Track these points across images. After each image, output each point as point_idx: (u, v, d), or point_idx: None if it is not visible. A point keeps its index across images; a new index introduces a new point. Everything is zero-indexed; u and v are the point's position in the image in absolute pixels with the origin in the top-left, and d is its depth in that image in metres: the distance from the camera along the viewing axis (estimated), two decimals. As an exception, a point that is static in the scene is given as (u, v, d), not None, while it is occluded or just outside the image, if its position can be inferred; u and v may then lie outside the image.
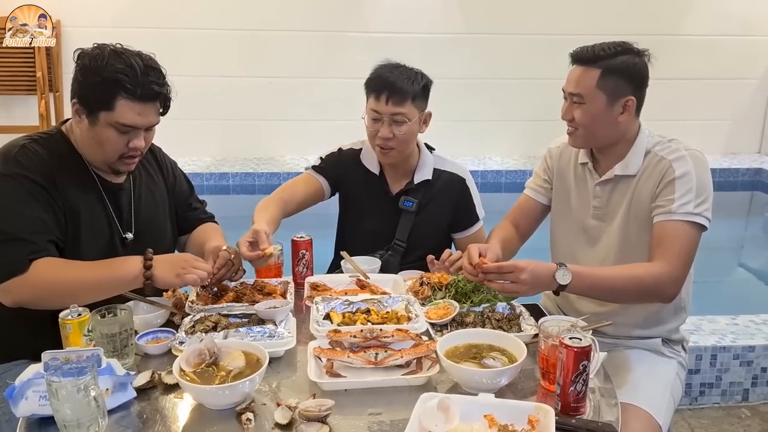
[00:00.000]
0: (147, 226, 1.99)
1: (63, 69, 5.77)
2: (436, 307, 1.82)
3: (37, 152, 1.79)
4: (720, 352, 2.84)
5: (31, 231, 1.72)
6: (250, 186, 5.61)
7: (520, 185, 2.28)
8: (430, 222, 2.31)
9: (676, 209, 1.79)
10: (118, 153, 1.81)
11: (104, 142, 1.79)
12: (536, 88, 6.11)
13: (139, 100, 1.75)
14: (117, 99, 1.73)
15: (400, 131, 2.18)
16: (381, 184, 2.33)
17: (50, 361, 1.39)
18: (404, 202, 2.29)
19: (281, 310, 1.74)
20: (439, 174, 2.33)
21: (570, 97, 1.89)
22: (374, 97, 2.18)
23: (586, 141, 1.94)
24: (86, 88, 1.76)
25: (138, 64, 1.75)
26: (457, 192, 2.33)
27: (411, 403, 1.36)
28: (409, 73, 2.19)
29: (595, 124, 1.87)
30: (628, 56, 1.84)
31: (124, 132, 1.78)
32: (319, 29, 6.01)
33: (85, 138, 1.82)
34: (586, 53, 1.86)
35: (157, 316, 1.78)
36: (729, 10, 6.22)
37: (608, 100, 1.84)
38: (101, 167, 1.88)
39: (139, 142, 1.81)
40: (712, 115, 6.44)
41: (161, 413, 1.42)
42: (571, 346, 1.37)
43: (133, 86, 1.73)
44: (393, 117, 2.16)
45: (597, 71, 1.83)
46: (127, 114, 1.75)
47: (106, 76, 1.72)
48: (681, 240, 1.78)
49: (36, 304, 1.73)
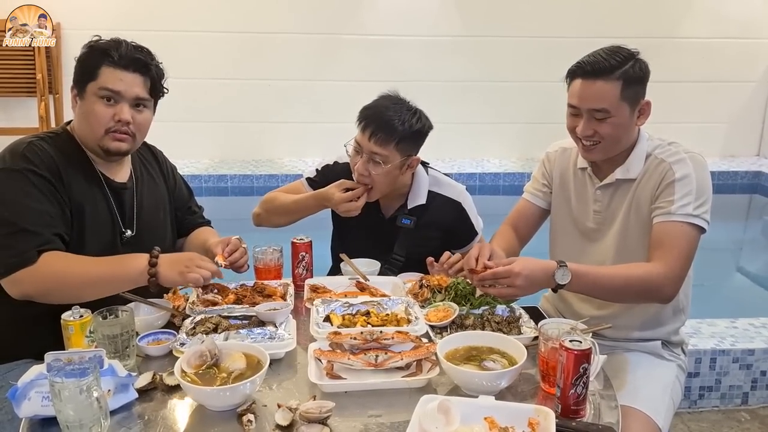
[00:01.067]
0: (148, 226, 2.01)
1: (63, 71, 5.77)
2: (435, 309, 1.82)
3: (44, 149, 1.82)
4: (719, 356, 2.84)
5: (39, 223, 1.74)
6: (248, 188, 5.62)
7: (518, 188, 2.28)
8: (427, 241, 2.22)
9: (676, 210, 1.79)
10: (104, 126, 1.83)
11: (90, 115, 1.83)
12: (534, 91, 6.14)
13: (123, 67, 1.83)
14: (101, 67, 1.81)
15: (376, 171, 2.08)
16: (374, 205, 2.23)
17: (53, 362, 1.39)
18: (402, 220, 2.22)
19: (281, 312, 1.75)
20: (434, 197, 2.25)
21: (590, 113, 1.82)
22: (361, 128, 2.10)
23: (607, 153, 1.90)
24: (78, 65, 1.85)
25: (125, 41, 1.85)
26: (453, 216, 2.26)
27: (411, 405, 1.37)
28: (405, 115, 2.07)
29: (621, 134, 1.85)
30: (634, 60, 1.82)
31: (108, 99, 1.82)
32: (316, 32, 6.02)
33: (78, 120, 1.88)
34: (602, 65, 1.79)
35: (158, 318, 1.78)
36: (727, 13, 6.24)
37: (631, 109, 1.83)
38: (96, 151, 1.89)
39: (124, 115, 1.83)
40: (710, 118, 6.45)
41: (162, 414, 1.42)
42: (572, 349, 1.37)
43: (117, 55, 1.81)
44: (372, 155, 2.07)
45: (618, 82, 1.78)
46: (110, 80, 1.81)
47: (94, 47, 1.83)
48: (680, 241, 1.78)
49: (43, 297, 1.74)
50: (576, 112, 1.86)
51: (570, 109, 1.88)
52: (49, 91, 5.75)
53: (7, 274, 1.73)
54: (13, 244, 1.72)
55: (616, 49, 1.84)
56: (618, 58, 1.81)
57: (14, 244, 1.72)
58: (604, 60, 1.80)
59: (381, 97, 2.16)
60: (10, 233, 1.72)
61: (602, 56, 1.82)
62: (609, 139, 1.85)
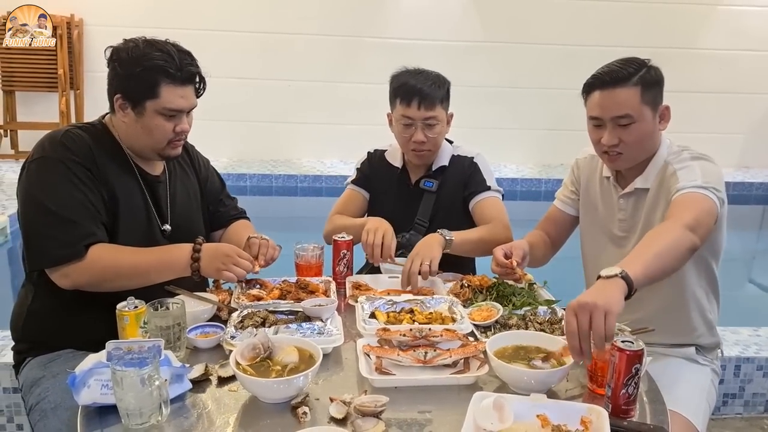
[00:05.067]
0: (182, 219, 2.04)
1: (84, 67, 5.82)
2: (479, 309, 1.84)
3: (82, 137, 1.85)
4: (744, 363, 2.86)
5: (83, 214, 1.77)
6: (267, 188, 5.66)
7: (535, 193, 2.33)
8: (449, 202, 2.37)
9: (684, 186, 1.77)
10: (167, 138, 1.88)
11: (153, 130, 1.85)
12: (552, 98, 6.17)
13: (181, 83, 1.83)
14: (161, 85, 1.81)
15: (433, 133, 2.27)
16: (403, 175, 2.43)
17: (113, 351, 1.41)
18: (425, 183, 2.38)
19: (327, 308, 1.77)
20: (455, 159, 2.42)
21: (614, 121, 1.84)
22: (405, 104, 2.25)
23: (633, 160, 1.91)
24: (128, 80, 1.82)
25: (172, 50, 1.84)
26: (467, 167, 2.40)
27: (460, 402, 1.39)
28: (434, 78, 2.28)
29: (646, 140, 1.87)
30: (647, 67, 1.86)
31: (171, 116, 1.85)
32: (338, 34, 6.06)
33: (133, 129, 1.87)
34: (618, 74, 1.82)
35: (204, 311, 1.80)
36: (746, 25, 6.27)
37: (653, 113, 1.86)
38: (149, 155, 1.93)
39: (184, 126, 1.89)
40: (726, 129, 6.47)
41: (217, 405, 1.44)
42: (625, 350, 1.39)
43: (174, 70, 1.81)
44: (426, 121, 2.25)
45: (637, 88, 1.82)
46: (172, 98, 1.83)
47: (147, 65, 1.80)
48: (696, 204, 1.72)
49: (93, 287, 1.78)
50: (599, 123, 1.88)
51: (592, 121, 1.90)
52: (71, 87, 5.79)
53: (54, 266, 1.76)
54: (58, 235, 1.74)
55: (628, 59, 1.88)
56: (633, 67, 1.85)
57: (59, 236, 1.74)
58: (620, 69, 1.84)
59: (401, 73, 2.30)
60: (54, 223, 1.75)
61: (617, 66, 1.86)
62: (635, 146, 1.87)
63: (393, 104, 2.32)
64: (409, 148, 2.32)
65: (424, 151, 2.31)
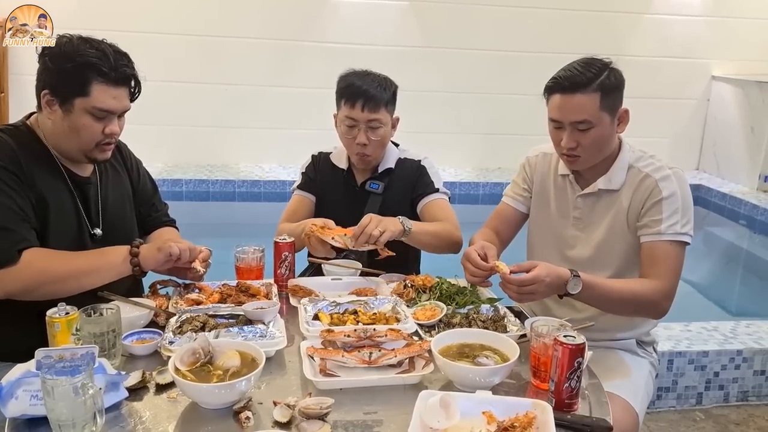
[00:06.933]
0: (114, 222, 1.97)
1: (9, 70, 5.57)
2: (423, 308, 1.84)
3: (4, 140, 1.77)
4: (676, 357, 2.95)
5: (13, 220, 1.70)
6: (204, 193, 5.54)
7: (473, 197, 2.35)
8: (395, 204, 2.35)
9: (665, 230, 1.87)
10: (95, 140, 1.80)
11: (80, 130, 1.78)
12: (490, 103, 6.27)
13: (114, 83, 1.77)
14: (92, 83, 1.74)
15: (376, 136, 2.27)
16: (348, 177, 2.42)
17: (43, 359, 1.34)
18: (371, 185, 2.38)
19: (269, 310, 1.73)
20: (401, 162, 2.42)
21: (572, 126, 1.86)
22: (349, 105, 2.25)
23: (591, 162, 1.95)
24: (58, 75, 1.75)
25: (108, 49, 1.77)
26: (414, 170, 2.41)
27: (405, 401, 1.39)
28: (380, 80, 2.28)
29: (603, 143, 1.91)
30: (608, 70, 1.87)
31: (101, 117, 1.78)
32: (276, 37, 5.99)
33: (59, 128, 1.80)
34: (578, 79, 1.83)
35: (141, 317, 1.74)
36: (671, 33, 6.51)
37: (611, 118, 1.88)
38: (76, 157, 1.85)
39: (114, 128, 1.82)
40: (653, 133, 6.68)
41: (155, 413, 1.39)
42: (567, 344, 1.41)
43: (107, 69, 1.74)
44: (369, 123, 2.25)
45: (597, 94, 1.83)
46: (104, 98, 1.76)
47: (80, 61, 1.73)
48: (672, 260, 1.88)
49: (26, 294, 1.70)
50: (559, 125, 1.91)
51: (552, 123, 1.93)
52: (-6, 90, 5.54)
53: None
54: None
55: (589, 61, 1.90)
56: (593, 70, 1.85)
57: None
58: (580, 73, 1.85)
59: (348, 74, 2.30)
60: None
61: (578, 70, 1.86)
62: (592, 149, 1.90)
63: (338, 105, 2.31)
64: (353, 151, 2.31)
65: (367, 156, 2.31)
